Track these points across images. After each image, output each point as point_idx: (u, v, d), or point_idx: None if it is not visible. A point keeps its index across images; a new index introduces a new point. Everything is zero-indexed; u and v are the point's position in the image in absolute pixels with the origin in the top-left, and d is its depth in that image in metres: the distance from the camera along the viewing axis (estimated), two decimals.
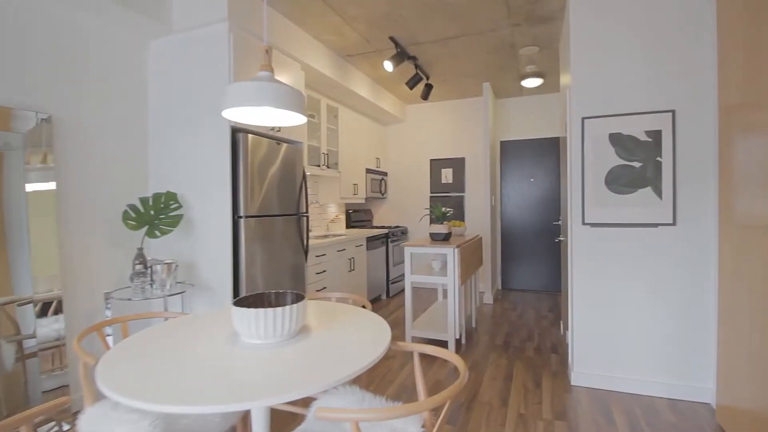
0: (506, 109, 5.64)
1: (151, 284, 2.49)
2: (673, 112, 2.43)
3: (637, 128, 2.50)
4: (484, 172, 4.91)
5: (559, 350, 3.29)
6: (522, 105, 5.56)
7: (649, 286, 2.50)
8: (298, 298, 1.56)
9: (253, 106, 1.41)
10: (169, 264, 2.47)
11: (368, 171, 5.38)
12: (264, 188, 2.85)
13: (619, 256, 2.56)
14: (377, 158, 5.69)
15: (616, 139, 2.54)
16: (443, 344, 3.38)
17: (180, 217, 2.69)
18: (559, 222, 5.34)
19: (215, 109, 2.65)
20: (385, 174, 5.97)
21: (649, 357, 2.50)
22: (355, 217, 5.54)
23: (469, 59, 4.08)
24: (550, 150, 5.39)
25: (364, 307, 1.92)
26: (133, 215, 2.55)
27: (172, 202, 2.71)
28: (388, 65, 3.54)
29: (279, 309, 1.31)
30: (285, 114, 1.67)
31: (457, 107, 5.71)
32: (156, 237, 2.59)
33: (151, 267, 2.48)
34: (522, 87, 5.10)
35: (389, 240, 5.24)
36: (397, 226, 5.73)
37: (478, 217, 5.61)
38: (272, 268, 2.92)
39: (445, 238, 3.51)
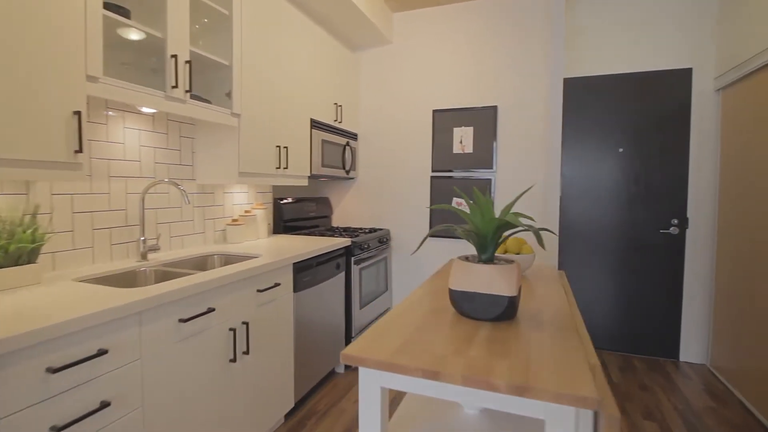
0: (585, 16, 3.09)
1: None
2: None
3: None
4: (543, 132, 2.39)
5: None
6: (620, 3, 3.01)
7: None
8: None
9: None
10: None
11: (316, 126, 2.81)
12: None
13: None
14: (337, 105, 3.10)
15: None
16: None
17: None
18: (671, 230, 2.87)
19: None
20: (353, 136, 3.39)
21: None
22: (292, 213, 2.98)
23: None
24: (658, 90, 2.89)
25: None
26: None
27: None
28: None
29: None
30: None
31: (486, 10, 3.13)
32: None
33: None
34: None
35: (352, 259, 2.72)
36: (372, 230, 3.21)
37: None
38: None
39: (508, 309, 1.01)
